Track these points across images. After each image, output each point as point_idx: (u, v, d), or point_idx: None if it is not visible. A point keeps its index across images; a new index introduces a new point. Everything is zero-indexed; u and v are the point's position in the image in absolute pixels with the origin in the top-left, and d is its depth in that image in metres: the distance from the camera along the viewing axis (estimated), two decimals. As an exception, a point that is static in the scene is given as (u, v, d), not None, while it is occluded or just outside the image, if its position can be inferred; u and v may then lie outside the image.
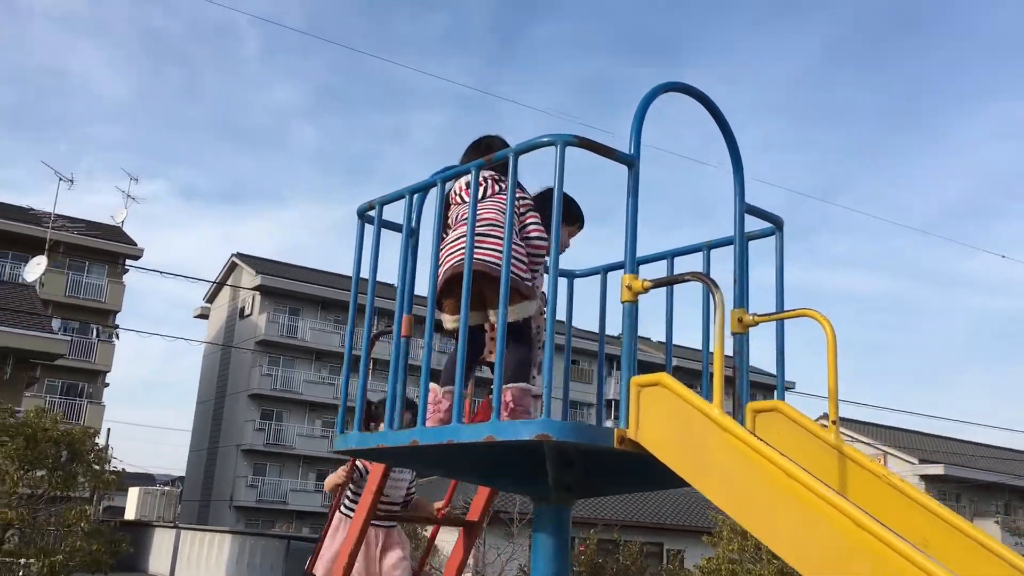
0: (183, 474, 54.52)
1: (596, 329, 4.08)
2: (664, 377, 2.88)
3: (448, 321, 3.33)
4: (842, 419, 43.38)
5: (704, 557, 17.66)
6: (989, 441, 46.69)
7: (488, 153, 3.55)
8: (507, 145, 3.77)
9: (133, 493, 53.60)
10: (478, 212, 3.27)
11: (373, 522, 4.11)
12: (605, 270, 4.19)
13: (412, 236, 3.61)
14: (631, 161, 3.10)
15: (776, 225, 3.65)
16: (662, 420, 2.84)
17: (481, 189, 3.50)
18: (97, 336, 37.93)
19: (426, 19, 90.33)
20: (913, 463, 40.60)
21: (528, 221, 3.51)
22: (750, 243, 3.70)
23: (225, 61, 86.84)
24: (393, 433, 3.26)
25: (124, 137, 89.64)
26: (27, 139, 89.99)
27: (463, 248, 3.17)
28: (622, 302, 3.03)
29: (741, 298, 3.42)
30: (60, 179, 33.27)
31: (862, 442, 42.17)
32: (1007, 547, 2.61)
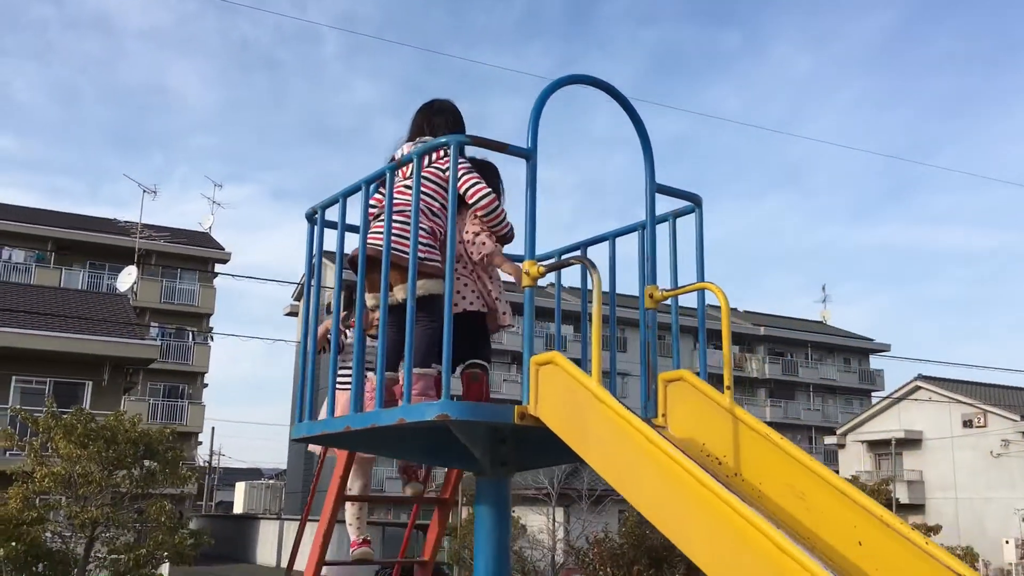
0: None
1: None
2: (556, 355, 3.11)
3: (369, 299, 3.60)
4: (940, 379, 42.24)
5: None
6: (1098, 394, 44.73)
7: (438, 115, 3.89)
8: (455, 109, 4.04)
9: (240, 488, 55.76)
10: (396, 193, 3.58)
11: None
12: (614, 236, 4.16)
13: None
14: (528, 155, 3.32)
15: (695, 203, 3.82)
16: (556, 395, 3.07)
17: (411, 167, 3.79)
18: (192, 339, 39.53)
19: (502, 6, 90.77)
20: (1015, 420, 39.22)
21: (467, 184, 3.60)
22: (680, 219, 3.90)
23: (308, 65, 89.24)
24: (332, 420, 3.58)
25: (216, 145, 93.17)
26: (127, 154, 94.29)
27: (370, 233, 3.52)
28: (523, 287, 3.26)
29: (652, 275, 3.61)
30: (144, 191, 34.75)
31: (961, 401, 40.95)
32: (865, 495, 2.77)
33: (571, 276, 4.29)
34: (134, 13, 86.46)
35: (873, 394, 55.62)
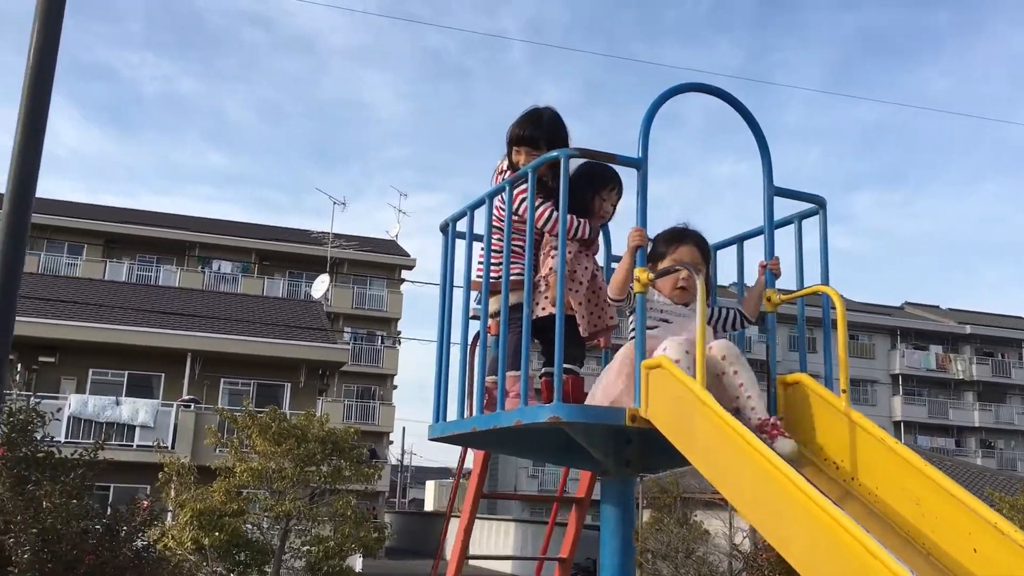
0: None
1: (874, 300, 3.79)
2: (664, 360, 3.18)
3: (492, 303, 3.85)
4: None
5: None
6: None
7: (535, 126, 3.99)
8: (558, 117, 4.08)
9: (430, 486, 57.86)
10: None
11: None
12: (742, 239, 4.10)
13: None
14: (638, 164, 3.40)
15: (819, 204, 3.77)
16: (664, 398, 3.15)
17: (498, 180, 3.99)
18: (382, 343, 41.40)
19: (691, 0, 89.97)
20: None
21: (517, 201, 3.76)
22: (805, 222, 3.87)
23: (495, 70, 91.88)
24: (461, 422, 3.80)
25: (408, 155, 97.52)
26: (327, 167, 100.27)
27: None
28: (634, 293, 3.35)
29: (772, 279, 3.60)
30: (334, 203, 36.72)
31: None
32: (980, 501, 2.68)
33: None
34: (334, 32, 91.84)
35: (1102, 396, 51.01)
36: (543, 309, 3.67)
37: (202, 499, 12.50)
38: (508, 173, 3.88)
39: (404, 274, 43.23)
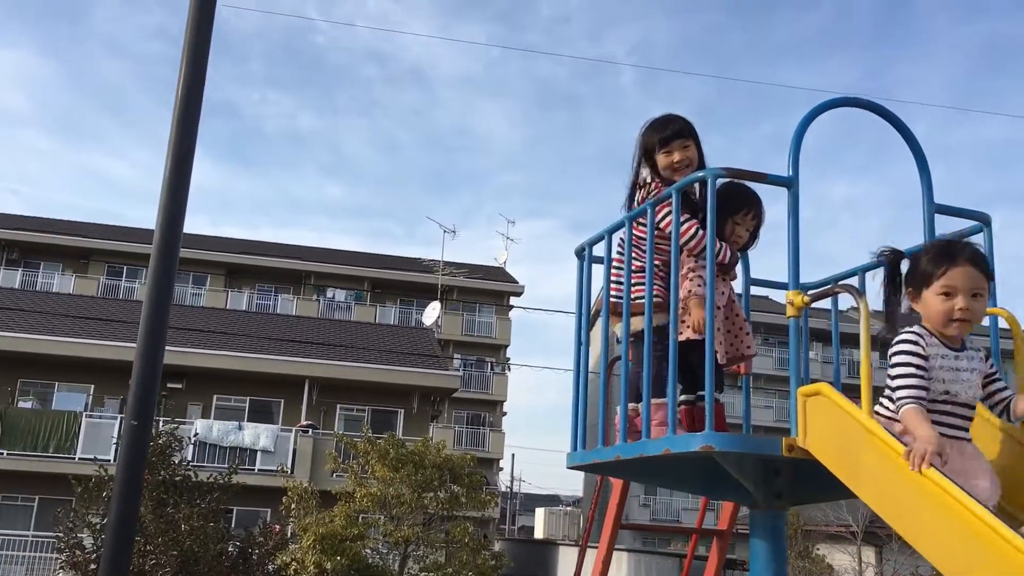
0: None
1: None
2: (824, 387, 3.03)
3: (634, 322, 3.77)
4: None
5: None
6: None
7: (673, 122, 3.86)
8: (688, 124, 3.90)
9: (540, 514, 57.66)
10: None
11: (948, 434, 2.83)
12: (863, 271, 3.91)
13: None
14: (789, 183, 3.27)
15: (983, 222, 3.56)
16: (825, 427, 2.99)
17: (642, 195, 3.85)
18: (491, 369, 41.60)
19: (805, 17, 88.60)
20: None
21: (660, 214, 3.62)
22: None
23: (605, 96, 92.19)
24: (603, 450, 3.70)
25: (518, 182, 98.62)
26: (439, 196, 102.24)
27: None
28: (787, 318, 3.21)
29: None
30: (444, 231, 37.27)
31: None
32: None
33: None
34: (445, 64, 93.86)
35: None
36: (680, 333, 3.55)
37: (324, 523, 12.70)
38: (654, 185, 3.76)
39: (512, 300, 43.42)
